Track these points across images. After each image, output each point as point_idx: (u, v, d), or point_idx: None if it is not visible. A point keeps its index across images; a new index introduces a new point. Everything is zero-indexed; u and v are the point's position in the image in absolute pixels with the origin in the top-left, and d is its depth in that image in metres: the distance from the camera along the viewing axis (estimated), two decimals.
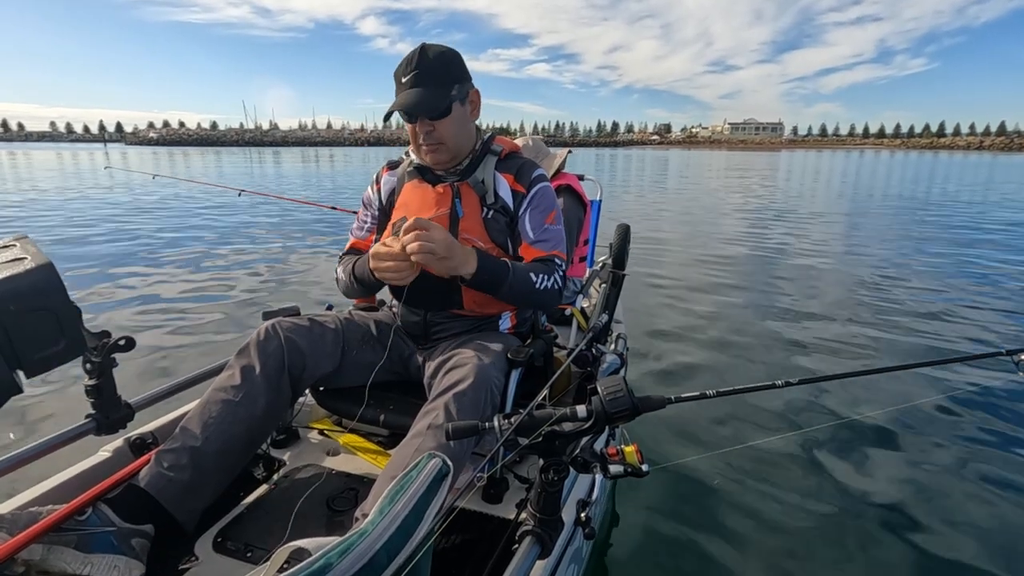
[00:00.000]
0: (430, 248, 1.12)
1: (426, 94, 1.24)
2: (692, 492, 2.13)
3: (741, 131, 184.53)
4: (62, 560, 0.89)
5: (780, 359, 3.54)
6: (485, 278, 1.22)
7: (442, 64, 1.27)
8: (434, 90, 1.25)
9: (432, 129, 1.28)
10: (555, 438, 0.83)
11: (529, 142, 2.33)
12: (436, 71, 1.26)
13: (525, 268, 1.31)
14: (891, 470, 2.30)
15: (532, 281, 1.29)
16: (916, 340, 3.90)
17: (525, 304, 1.40)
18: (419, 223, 1.13)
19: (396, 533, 0.66)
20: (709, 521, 1.97)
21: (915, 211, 11.44)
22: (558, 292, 1.35)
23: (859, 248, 7.46)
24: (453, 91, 1.28)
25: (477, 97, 1.37)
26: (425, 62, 1.25)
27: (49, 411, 2.71)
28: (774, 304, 4.74)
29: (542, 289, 1.30)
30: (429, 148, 1.32)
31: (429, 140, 1.30)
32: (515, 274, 1.26)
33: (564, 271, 1.39)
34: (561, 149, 2.48)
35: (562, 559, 0.99)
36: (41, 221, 8.91)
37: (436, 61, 1.26)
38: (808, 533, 1.93)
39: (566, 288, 1.40)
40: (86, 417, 1.19)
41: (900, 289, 5.25)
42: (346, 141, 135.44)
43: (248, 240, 7.41)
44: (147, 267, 5.87)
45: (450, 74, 1.28)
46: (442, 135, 1.29)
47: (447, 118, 1.28)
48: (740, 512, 2.02)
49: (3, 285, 0.76)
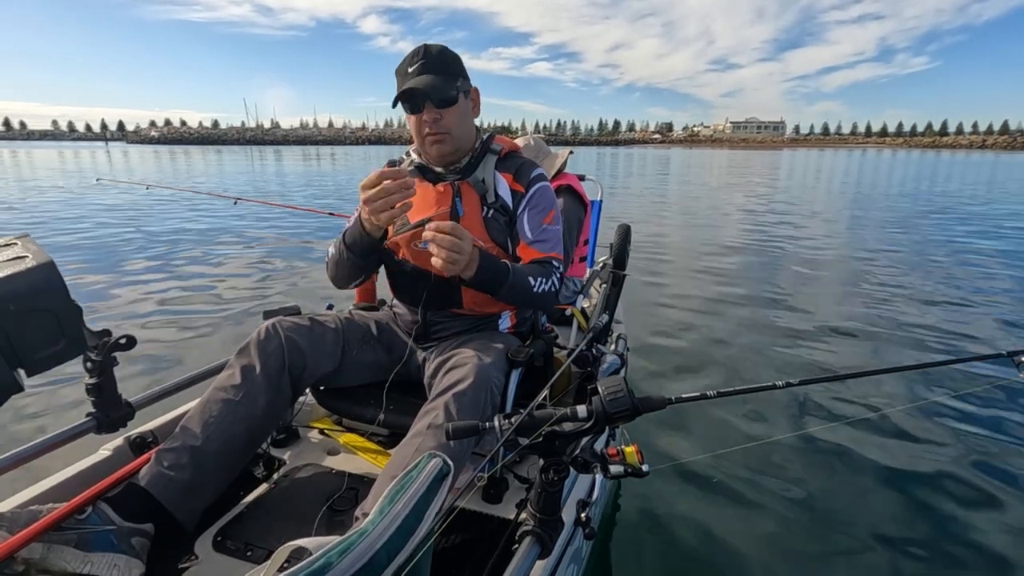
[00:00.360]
0: (455, 258, 1.11)
1: (436, 80, 1.25)
2: (692, 492, 2.13)
3: (743, 130, 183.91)
4: (62, 559, 0.89)
5: (781, 360, 3.53)
6: (486, 277, 1.22)
7: (446, 59, 1.29)
8: (442, 78, 1.26)
9: (439, 117, 1.28)
10: (555, 438, 0.83)
11: (531, 141, 2.33)
12: (442, 63, 1.28)
13: (524, 271, 1.31)
14: (891, 471, 2.30)
15: (530, 284, 1.30)
16: (916, 341, 3.90)
17: (522, 305, 1.41)
18: (457, 229, 1.13)
19: (396, 533, 0.66)
20: (709, 521, 1.97)
21: (917, 210, 11.43)
22: (555, 294, 1.36)
23: (860, 248, 7.45)
24: (458, 83, 1.30)
25: (477, 96, 1.38)
26: (431, 55, 1.27)
27: (48, 409, 2.71)
28: (774, 305, 4.74)
29: (539, 292, 1.31)
30: (435, 138, 1.30)
31: (436, 128, 1.29)
32: (514, 276, 1.26)
33: (562, 272, 1.39)
34: (563, 149, 2.48)
35: (562, 559, 0.99)
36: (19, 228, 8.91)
37: (440, 55, 1.28)
38: (808, 533, 1.93)
39: (565, 289, 1.40)
40: (86, 416, 1.19)
41: (901, 289, 5.24)
42: (347, 140, 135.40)
43: (248, 241, 7.41)
44: (147, 268, 5.87)
45: (455, 67, 1.30)
46: (448, 124, 1.29)
47: (453, 107, 1.29)
48: (740, 512, 2.02)
49: (4, 284, 0.76)
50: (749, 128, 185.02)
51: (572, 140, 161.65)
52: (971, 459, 2.39)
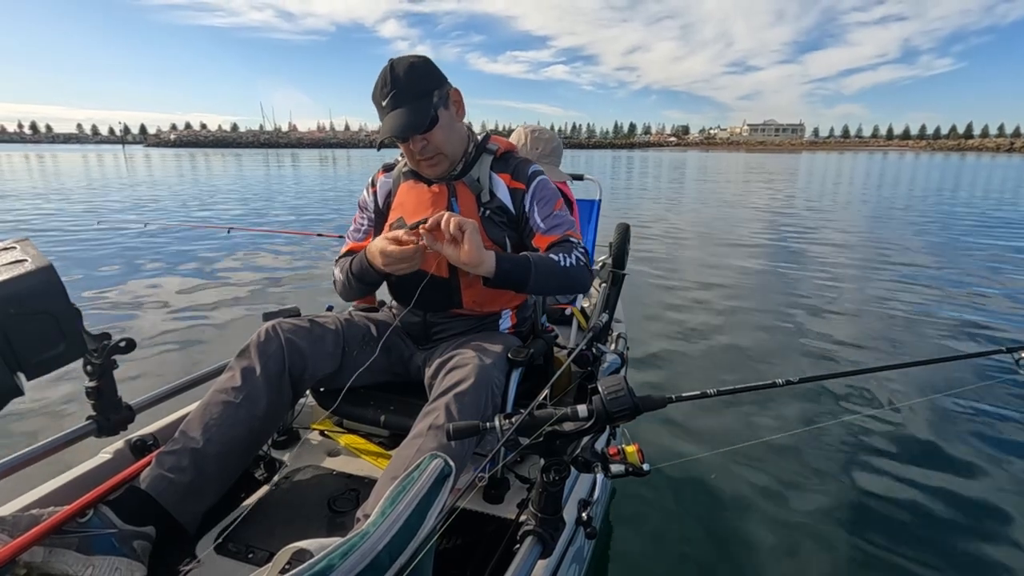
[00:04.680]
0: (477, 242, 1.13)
1: (409, 113, 1.23)
2: (693, 491, 2.13)
3: (760, 132, 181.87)
4: (63, 562, 0.89)
5: (781, 357, 3.54)
6: (507, 267, 1.20)
7: (415, 77, 1.24)
8: (416, 105, 1.23)
9: (426, 142, 1.28)
10: (556, 438, 0.82)
11: (522, 138, 2.21)
12: (412, 86, 1.24)
13: (543, 255, 1.29)
14: (892, 468, 2.30)
15: (556, 261, 1.26)
16: (917, 338, 3.90)
17: (557, 289, 1.33)
18: (460, 219, 1.14)
19: (398, 534, 0.66)
20: (710, 520, 1.98)
21: (935, 210, 11.42)
22: (585, 267, 1.31)
23: (860, 248, 7.46)
24: (434, 98, 1.26)
25: (459, 96, 1.34)
26: (398, 80, 1.23)
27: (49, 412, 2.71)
28: (775, 303, 4.74)
29: (567, 267, 1.27)
30: (429, 162, 1.32)
31: (426, 153, 1.30)
32: (536, 260, 1.25)
33: (584, 248, 1.35)
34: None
35: (563, 559, 0.99)
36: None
37: (408, 76, 1.24)
38: (809, 532, 1.93)
39: (591, 264, 1.37)
40: (87, 419, 1.19)
41: (901, 289, 5.24)
42: (361, 143, 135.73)
43: (248, 242, 7.40)
44: (146, 268, 5.87)
45: (425, 84, 1.26)
46: (437, 144, 1.29)
47: (436, 127, 1.27)
48: (742, 511, 2.02)
49: (3, 288, 0.76)
50: (767, 131, 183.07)
51: (587, 143, 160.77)
52: (972, 456, 2.39)
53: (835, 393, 2.94)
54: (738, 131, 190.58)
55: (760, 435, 2.54)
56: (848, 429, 2.60)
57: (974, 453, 2.41)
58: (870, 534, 1.91)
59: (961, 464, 2.33)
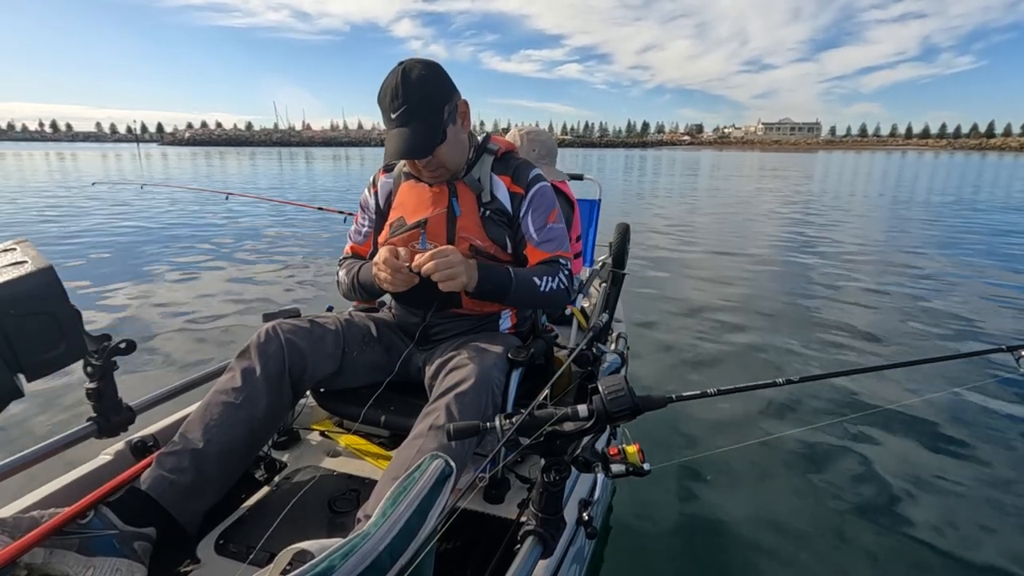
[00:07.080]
0: (451, 274, 1.15)
1: (419, 135, 1.21)
2: (694, 491, 2.13)
3: (776, 131, 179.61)
4: (64, 563, 0.89)
5: (782, 357, 3.54)
6: (488, 288, 1.24)
7: (428, 93, 1.22)
8: (425, 125, 1.22)
9: (431, 158, 1.28)
10: (556, 438, 0.82)
11: (518, 140, 2.18)
12: (424, 103, 1.21)
13: (528, 273, 1.31)
14: (893, 467, 2.30)
15: (536, 285, 1.30)
16: (917, 337, 3.90)
17: (531, 306, 1.41)
18: (438, 252, 1.16)
19: (399, 534, 0.66)
20: (711, 519, 1.97)
21: (950, 211, 11.38)
22: (565, 291, 1.35)
23: (859, 247, 7.46)
24: (444, 115, 1.25)
25: (466, 108, 1.33)
26: (410, 95, 1.19)
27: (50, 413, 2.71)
28: (775, 302, 4.74)
29: (547, 292, 1.31)
30: (433, 176, 1.34)
31: (431, 168, 1.31)
32: (518, 280, 1.27)
33: (569, 270, 1.39)
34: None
35: (564, 559, 0.99)
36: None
37: (421, 91, 1.20)
38: (810, 531, 1.93)
39: (573, 285, 1.40)
40: (87, 420, 1.19)
41: (901, 288, 5.24)
42: (373, 141, 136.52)
43: (247, 242, 7.40)
44: (146, 269, 5.87)
45: (436, 99, 1.24)
46: (442, 159, 1.29)
47: (444, 143, 1.26)
48: (742, 510, 2.02)
49: (3, 289, 0.76)
50: (783, 129, 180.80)
51: (599, 142, 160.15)
52: (973, 455, 2.39)
53: (836, 392, 2.94)
54: (753, 130, 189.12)
55: (761, 434, 2.54)
56: (848, 428, 2.60)
57: (975, 452, 2.41)
58: (870, 533, 1.91)
59: (961, 463, 2.33)
